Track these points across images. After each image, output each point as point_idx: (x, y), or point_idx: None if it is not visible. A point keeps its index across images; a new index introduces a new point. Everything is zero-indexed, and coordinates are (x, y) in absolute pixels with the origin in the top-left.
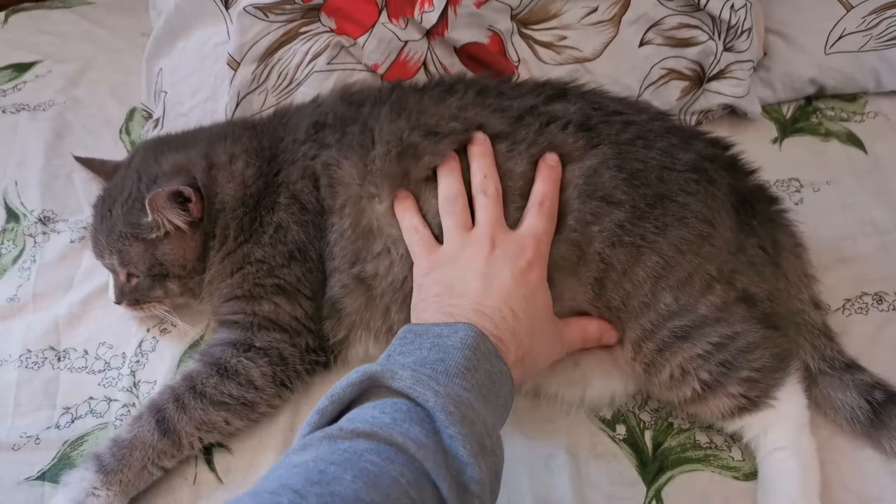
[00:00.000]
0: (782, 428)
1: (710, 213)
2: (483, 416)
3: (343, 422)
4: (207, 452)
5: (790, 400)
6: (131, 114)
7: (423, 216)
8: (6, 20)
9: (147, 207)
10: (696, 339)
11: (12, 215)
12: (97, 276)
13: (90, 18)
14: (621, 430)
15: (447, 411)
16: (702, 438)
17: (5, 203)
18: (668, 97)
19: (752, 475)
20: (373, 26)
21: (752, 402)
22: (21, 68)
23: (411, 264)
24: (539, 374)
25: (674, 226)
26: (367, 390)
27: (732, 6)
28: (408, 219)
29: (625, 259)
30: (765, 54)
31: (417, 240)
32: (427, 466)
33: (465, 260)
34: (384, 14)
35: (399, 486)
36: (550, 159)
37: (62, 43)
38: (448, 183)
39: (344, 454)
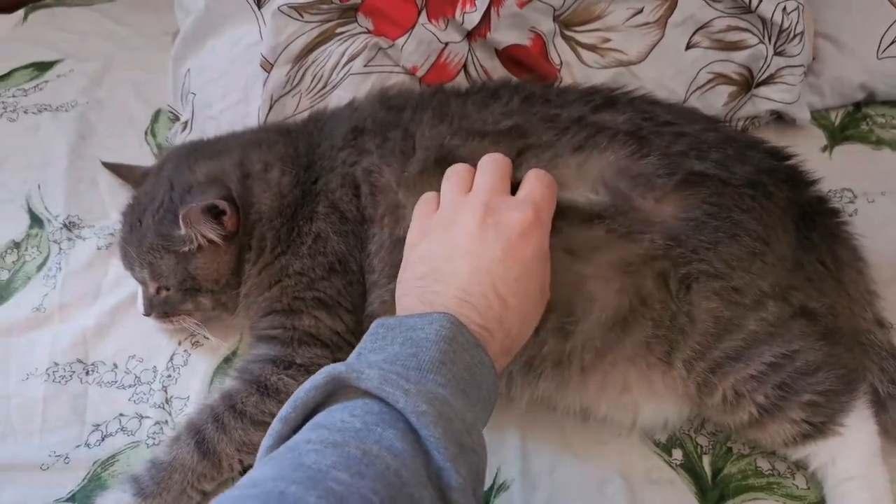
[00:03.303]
0: (852, 457)
1: (765, 230)
2: (461, 412)
3: (310, 431)
4: (244, 474)
5: (859, 426)
6: (157, 115)
7: None
8: (25, 17)
9: (181, 222)
10: (748, 359)
11: (36, 220)
12: (125, 285)
13: (111, 16)
14: (678, 454)
15: (419, 412)
16: (763, 465)
17: (28, 207)
18: (714, 102)
19: None
20: (412, 27)
21: (817, 428)
22: (42, 67)
23: None
24: (586, 398)
25: (724, 243)
26: (335, 391)
27: (784, 9)
28: (442, 188)
29: None
30: (813, 59)
31: (424, 203)
32: (405, 477)
33: (456, 231)
34: (424, 15)
35: None
36: None
37: (82, 41)
38: (461, 162)
39: (308, 471)
